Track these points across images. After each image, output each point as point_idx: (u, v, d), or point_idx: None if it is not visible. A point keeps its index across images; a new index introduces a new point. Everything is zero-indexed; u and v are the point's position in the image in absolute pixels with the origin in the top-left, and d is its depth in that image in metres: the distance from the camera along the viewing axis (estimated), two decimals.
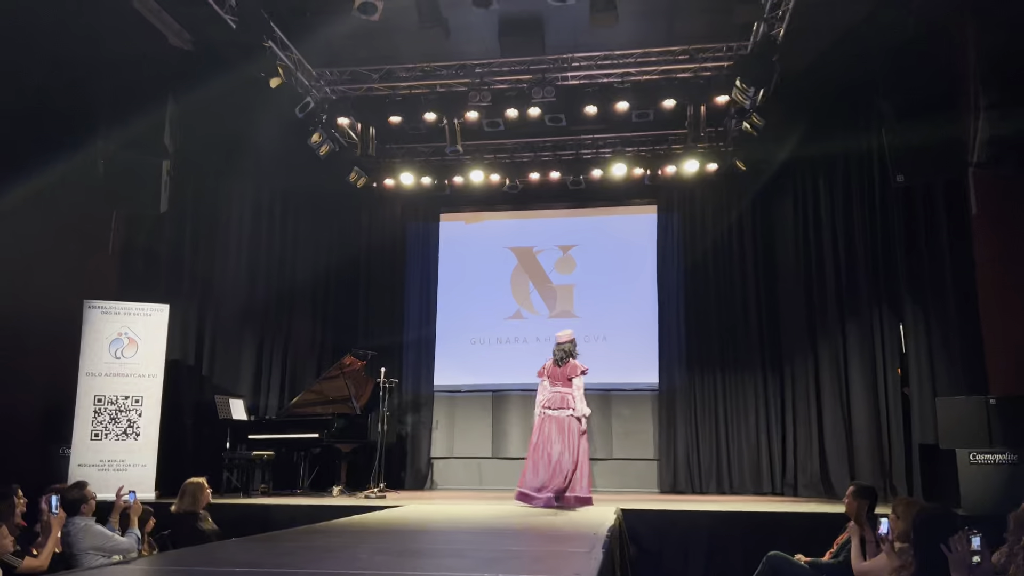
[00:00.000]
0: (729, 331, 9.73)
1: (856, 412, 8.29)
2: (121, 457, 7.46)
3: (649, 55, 8.39)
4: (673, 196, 10.31)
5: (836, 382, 8.47)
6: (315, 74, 8.77)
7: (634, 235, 10.52)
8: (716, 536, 6.29)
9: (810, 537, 5.58)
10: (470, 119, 8.97)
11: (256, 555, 3.36)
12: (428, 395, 10.38)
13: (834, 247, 8.74)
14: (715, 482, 9.35)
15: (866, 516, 4.72)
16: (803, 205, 9.30)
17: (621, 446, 9.97)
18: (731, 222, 10.02)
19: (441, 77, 8.83)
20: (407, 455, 10.12)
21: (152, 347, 7.74)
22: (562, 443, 6.59)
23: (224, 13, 7.12)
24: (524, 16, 7.70)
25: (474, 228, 11.04)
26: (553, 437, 6.63)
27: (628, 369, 10.11)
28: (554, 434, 6.64)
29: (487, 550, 3.64)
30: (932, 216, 7.45)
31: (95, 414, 7.47)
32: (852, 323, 8.40)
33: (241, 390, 9.13)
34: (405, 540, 3.98)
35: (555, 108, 8.76)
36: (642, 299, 10.26)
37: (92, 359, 7.53)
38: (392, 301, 10.64)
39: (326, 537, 4.13)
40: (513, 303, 10.64)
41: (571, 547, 3.72)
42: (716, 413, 9.58)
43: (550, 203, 10.74)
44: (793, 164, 9.25)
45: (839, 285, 8.66)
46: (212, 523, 5.84)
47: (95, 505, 5.31)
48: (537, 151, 10.24)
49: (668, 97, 8.53)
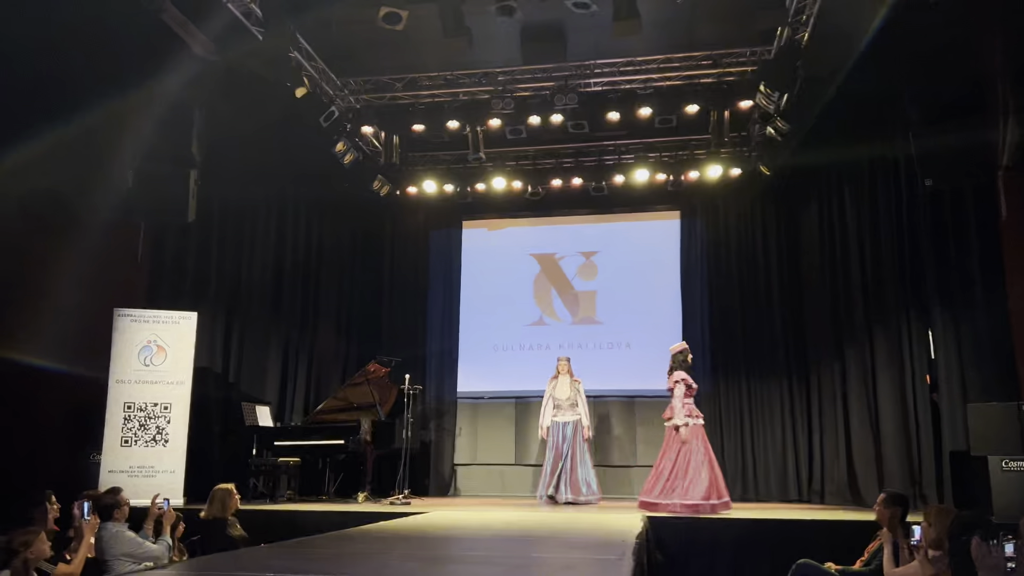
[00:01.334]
0: (754, 337, 9.67)
1: (884, 419, 8.18)
2: (150, 463, 7.56)
3: (672, 61, 8.39)
4: (696, 202, 10.28)
5: (863, 389, 8.37)
6: (339, 83, 8.85)
7: (657, 241, 10.49)
8: (743, 544, 6.24)
9: (839, 545, 5.53)
10: (493, 127, 9.02)
11: (287, 561, 3.39)
12: (451, 402, 10.40)
13: (860, 252, 8.64)
14: (740, 489, 9.27)
15: (898, 524, 4.66)
16: (828, 210, 9.22)
17: (645, 453, 9.90)
18: (755, 227, 9.97)
19: (464, 85, 8.87)
20: (431, 462, 10.14)
21: (180, 354, 7.83)
22: (672, 451, 7.10)
23: (250, 24, 7.20)
24: (546, 24, 7.73)
25: (496, 235, 11.06)
26: (666, 446, 7.25)
27: (652, 376, 9.96)
28: (668, 443, 7.23)
29: (516, 557, 3.65)
30: (961, 220, 7.36)
31: (125, 421, 7.57)
32: (879, 329, 8.30)
33: (267, 397, 9.22)
34: (433, 546, 3.99)
35: (577, 115, 8.80)
36: (665, 305, 10.22)
37: (122, 366, 7.64)
38: (415, 308, 10.68)
39: (355, 543, 4.15)
40: (536, 310, 10.65)
41: (600, 554, 3.72)
42: (741, 420, 9.52)
43: (572, 210, 10.73)
44: (818, 169, 9.17)
45: (865, 291, 8.56)
46: (240, 529, 5.89)
47: (128, 511, 5.39)
48: (559, 158, 10.25)
49: (691, 102, 8.51)
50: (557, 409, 8.52)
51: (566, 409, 8.51)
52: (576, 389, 8.60)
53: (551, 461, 8.39)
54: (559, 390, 8.60)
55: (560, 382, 8.65)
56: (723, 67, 8.40)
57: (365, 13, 7.02)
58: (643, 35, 7.43)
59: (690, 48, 8.25)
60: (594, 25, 7.44)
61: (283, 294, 9.73)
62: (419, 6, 6.97)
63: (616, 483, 9.84)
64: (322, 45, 8.13)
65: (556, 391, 8.61)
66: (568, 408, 8.52)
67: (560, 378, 8.68)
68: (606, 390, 10.13)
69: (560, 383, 8.64)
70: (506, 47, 8.09)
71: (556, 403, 8.55)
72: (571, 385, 8.62)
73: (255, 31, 7.25)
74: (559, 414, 8.51)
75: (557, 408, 8.53)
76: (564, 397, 8.55)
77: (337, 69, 8.66)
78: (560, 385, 8.63)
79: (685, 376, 7.22)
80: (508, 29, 7.66)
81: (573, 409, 8.52)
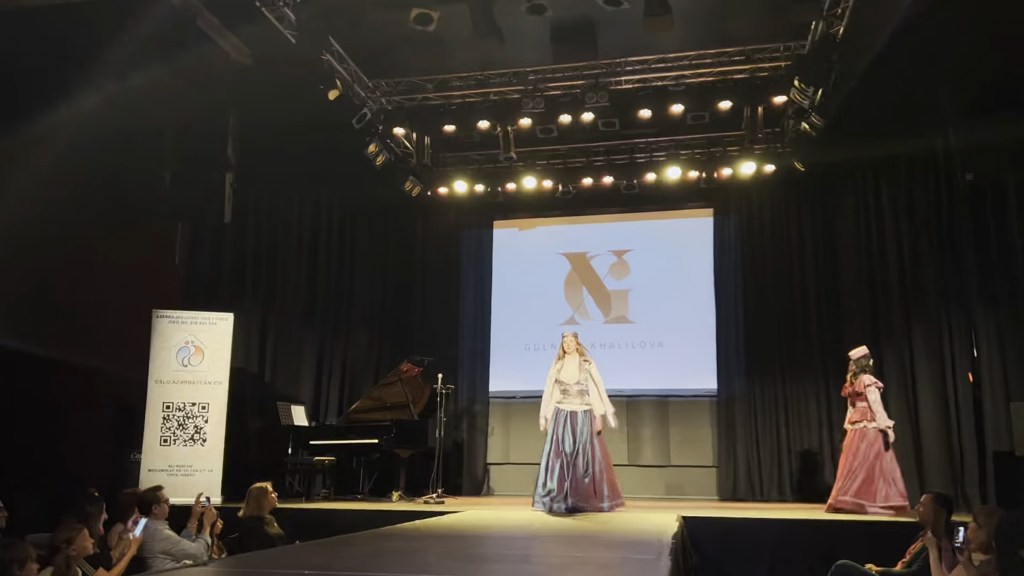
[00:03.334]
0: (789, 335, 9.55)
1: (925, 418, 8.05)
2: (188, 462, 7.67)
3: (704, 57, 8.31)
4: (729, 199, 10.18)
5: (903, 387, 8.24)
6: (371, 85, 8.92)
7: (690, 239, 10.41)
8: (780, 544, 6.17)
9: (879, 546, 5.45)
10: (523, 126, 9.01)
11: (326, 559, 3.42)
12: (484, 401, 10.42)
13: (898, 248, 8.51)
14: (777, 489, 9.18)
15: (943, 525, 4.58)
16: (864, 206, 9.09)
17: (679, 453, 9.85)
18: (790, 224, 9.85)
19: (494, 85, 8.88)
20: (464, 461, 10.16)
21: (217, 355, 7.94)
22: (866, 454, 6.89)
23: (284, 28, 7.29)
24: (577, 22, 7.71)
25: (527, 234, 11.06)
26: (854, 448, 7.00)
27: (685, 375, 10.01)
28: (855, 444, 7.00)
29: (553, 556, 3.64)
30: (1002, 214, 7.24)
31: (164, 420, 7.70)
32: (918, 326, 8.18)
33: (302, 396, 9.32)
34: (470, 545, 4.00)
35: (608, 113, 8.75)
36: (699, 304, 10.14)
37: (161, 367, 7.77)
38: (447, 308, 10.71)
39: (393, 541, 4.18)
40: (567, 309, 10.62)
41: (637, 554, 3.70)
42: (777, 419, 9.41)
43: (603, 208, 10.69)
44: (854, 164, 9.04)
45: (903, 287, 8.43)
46: (278, 527, 5.96)
47: (168, 509, 5.48)
48: (590, 156, 10.21)
49: (724, 99, 8.43)
50: (564, 395, 7.07)
51: (574, 396, 7.05)
52: (587, 371, 7.11)
53: (550, 457, 6.95)
54: (565, 372, 7.13)
55: (567, 363, 7.17)
56: (756, 62, 8.31)
57: (396, 15, 7.06)
58: (674, 31, 7.38)
59: (722, 43, 8.18)
60: (625, 22, 7.40)
61: (317, 295, 9.83)
62: (449, 7, 6.99)
63: (649, 483, 9.78)
64: (354, 47, 8.19)
65: (562, 373, 7.14)
66: (576, 395, 7.05)
67: (567, 358, 7.19)
68: (639, 390, 10.08)
69: (567, 364, 7.16)
70: (536, 46, 8.08)
71: (563, 388, 7.09)
72: (580, 366, 7.11)
73: (288, 35, 7.34)
74: (565, 401, 7.04)
75: (564, 394, 7.07)
76: (572, 381, 7.07)
77: (369, 71, 8.72)
78: (567, 366, 7.15)
79: (876, 380, 7.07)
80: (538, 28, 7.66)
81: (582, 396, 7.04)
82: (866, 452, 6.84)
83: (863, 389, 6.96)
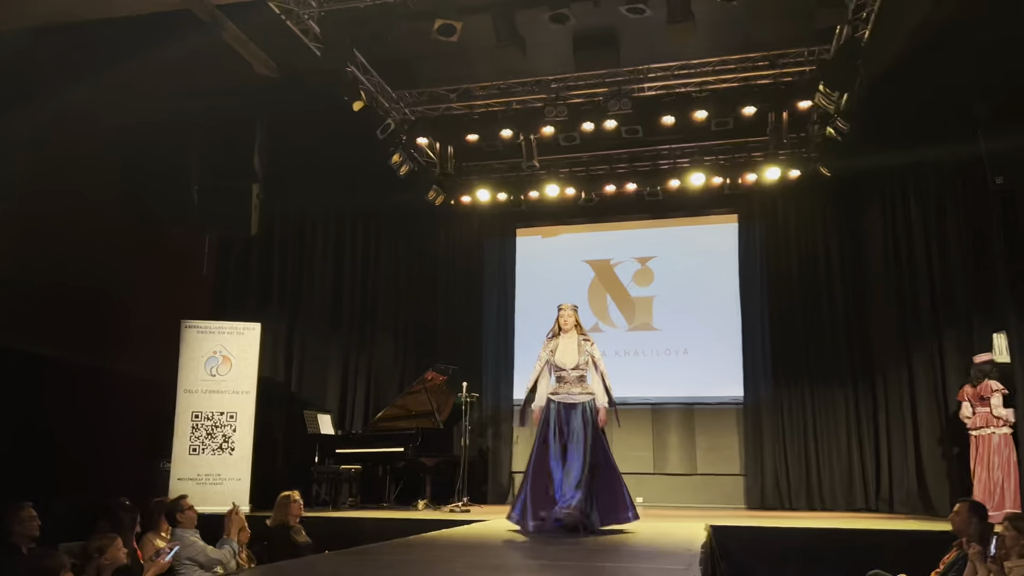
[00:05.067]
0: (816, 342, 9.45)
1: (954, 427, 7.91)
2: (217, 471, 7.74)
3: (727, 62, 8.29)
4: (754, 205, 10.12)
5: (933, 394, 8.11)
6: (395, 96, 8.99)
7: (714, 245, 10.36)
8: (810, 554, 6.09)
9: (911, 556, 5.36)
10: (546, 134, 9.03)
11: (356, 568, 3.44)
12: (508, 409, 10.40)
13: (927, 253, 8.39)
14: (805, 498, 9.08)
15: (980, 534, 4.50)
16: (892, 211, 8.97)
17: (705, 461, 9.78)
18: (816, 230, 9.77)
19: (517, 94, 8.91)
20: (489, 469, 10.16)
21: (245, 365, 8.01)
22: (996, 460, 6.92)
23: (309, 41, 7.37)
24: (599, 29, 7.71)
25: (550, 242, 11.07)
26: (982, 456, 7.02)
27: (711, 382, 9.94)
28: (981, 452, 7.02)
29: (582, 565, 3.63)
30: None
31: (192, 429, 7.78)
32: (949, 332, 8.04)
33: (328, 405, 9.37)
34: (498, 554, 4.00)
35: (631, 120, 8.75)
36: (724, 311, 10.07)
37: (189, 376, 7.85)
38: (471, 316, 10.73)
39: (421, 551, 4.19)
40: (591, 316, 10.59)
41: (667, 564, 3.68)
42: (805, 427, 9.31)
43: (627, 215, 10.68)
44: (880, 169, 8.93)
45: (933, 292, 8.30)
46: (305, 536, 6.00)
47: (195, 517, 5.54)
48: (613, 163, 10.21)
49: (748, 104, 8.40)
50: (560, 383, 5.58)
51: (572, 383, 5.54)
52: (588, 353, 5.63)
53: (539, 461, 5.42)
54: (563, 354, 5.61)
55: (564, 343, 5.66)
56: (780, 67, 8.26)
57: (419, 26, 7.11)
58: (698, 37, 7.36)
59: (746, 49, 8.15)
60: (648, 29, 7.40)
61: (342, 304, 9.90)
62: (472, 17, 7.03)
63: (676, 492, 9.72)
64: (378, 59, 8.27)
65: (558, 355, 5.62)
66: (575, 381, 5.55)
67: (563, 337, 5.69)
68: (664, 397, 10.03)
69: (564, 344, 5.65)
70: (559, 54, 8.10)
71: (559, 373, 5.60)
72: (580, 346, 5.64)
73: (313, 47, 7.42)
74: (562, 390, 5.54)
75: (560, 381, 5.58)
76: (570, 364, 5.56)
77: (392, 82, 8.79)
78: (564, 346, 5.64)
79: (1001, 386, 7.04)
80: (561, 36, 7.67)
81: (582, 384, 5.55)
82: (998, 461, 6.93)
83: (990, 394, 7.01)
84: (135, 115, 7.17)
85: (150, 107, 7.21)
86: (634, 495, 9.54)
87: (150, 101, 7.17)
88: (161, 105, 7.29)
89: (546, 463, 5.33)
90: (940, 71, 7.46)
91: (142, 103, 7.13)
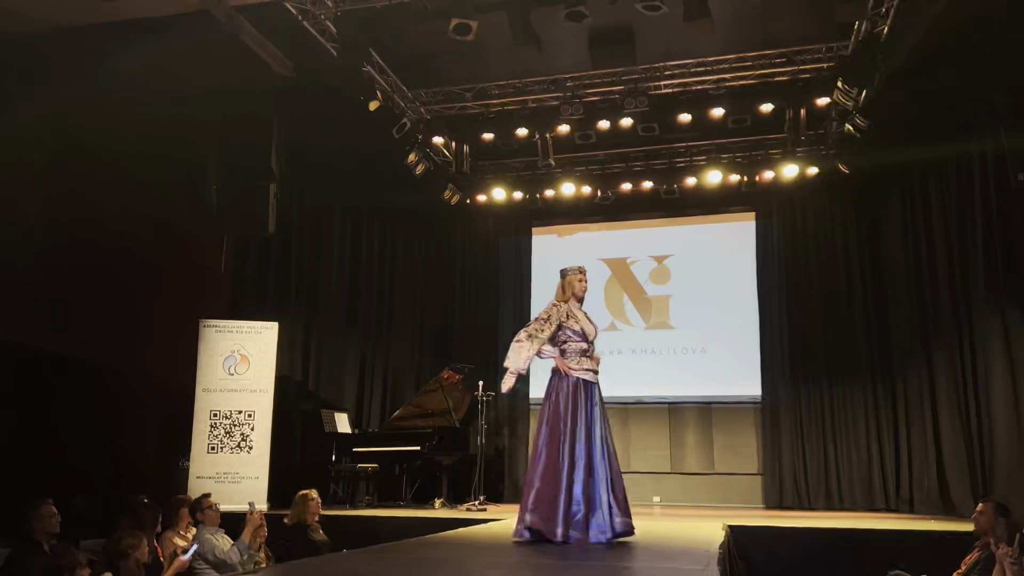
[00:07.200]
0: (835, 340, 9.39)
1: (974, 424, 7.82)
2: (235, 469, 7.79)
3: (745, 59, 8.24)
4: (772, 202, 10.05)
5: (954, 392, 8.02)
6: (411, 95, 9.00)
7: (731, 243, 10.31)
8: (829, 554, 6.04)
9: (932, 556, 5.32)
10: (562, 133, 9.02)
11: (375, 567, 3.44)
12: (524, 409, 10.41)
13: (948, 250, 8.29)
14: (824, 497, 9.02)
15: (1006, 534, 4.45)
16: (911, 207, 8.88)
17: (723, 460, 9.74)
18: (834, 227, 9.70)
19: (533, 92, 8.91)
20: (505, 468, 10.17)
21: (263, 363, 8.06)
22: None
23: (326, 41, 7.40)
24: (615, 27, 7.70)
25: (566, 240, 11.05)
26: None
27: (728, 381, 9.90)
28: None
29: (600, 565, 3.62)
30: None
31: (211, 428, 7.83)
32: (970, 330, 7.95)
33: (345, 404, 9.41)
34: (516, 554, 3.99)
35: (648, 118, 8.72)
36: (742, 309, 10.02)
37: (208, 375, 7.91)
38: (487, 315, 10.74)
39: (438, 550, 4.20)
40: (607, 315, 10.57)
41: (685, 563, 3.66)
42: (823, 425, 9.25)
43: (643, 213, 10.64)
44: (900, 165, 8.84)
45: (954, 290, 8.21)
46: (323, 534, 6.03)
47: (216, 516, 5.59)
48: (629, 161, 10.18)
49: (766, 101, 8.35)
50: (583, 357, 4.66)
51: (595, 359, 4.76)
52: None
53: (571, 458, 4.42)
54: (587, 323, 4.79)
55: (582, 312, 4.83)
56: (798, 64, 8.20)
57: (435, 25, 7.12)
58: (714, 34, 7.32)
59: (763, 46, 8.10)
60: (664, 27, 7.38)
61: (359, 303, 9.93)
62: (488, 15, 7.03)
63: (693, 491, 9.68)
64: (394, 58, 8.28)
65: (585, 324, 4.75)
66: (596, 358, 4.77)
67: (577, 305, 4.83)
68: (681, 396, 10.00)
69: (583, 313, 4.84)
70: (575, 52, 8.08)
71: (582, 345, 4.68)
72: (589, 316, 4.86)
73: (330, 47, 7.44)
74: (582, 366, 4.64)
75: (588, 357, 4.68)
76: (593, 336, 4.77)
77: (408, 81, 8.81)
78: (585, 315, 4.83)
79: None
80: (577, 35, 7.66)
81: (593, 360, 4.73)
82: None
83: None
84: (154, 115, 7.23)
85: (169, 107, 7.26)
86: (651, 495, 9.50)
87: (169, 101, 7.22)
88: (180, 105, 7.34)
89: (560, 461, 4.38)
90: (961, 66, 7.38)
91: (161, 103, 7.18)
